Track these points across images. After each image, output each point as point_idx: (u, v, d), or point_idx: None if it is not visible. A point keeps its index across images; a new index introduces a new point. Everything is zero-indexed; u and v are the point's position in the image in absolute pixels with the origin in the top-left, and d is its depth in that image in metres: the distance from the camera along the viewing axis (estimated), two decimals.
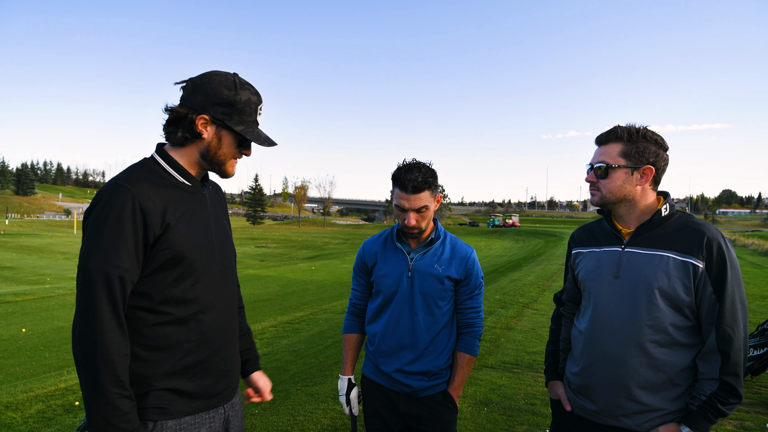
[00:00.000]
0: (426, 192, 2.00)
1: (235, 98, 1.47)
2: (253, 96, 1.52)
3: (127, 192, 1.34)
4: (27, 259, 26.36)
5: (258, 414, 4.12)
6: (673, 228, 1.68)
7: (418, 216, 2.01)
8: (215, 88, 1.46)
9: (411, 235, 2.08)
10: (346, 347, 2.25)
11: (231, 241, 1.68)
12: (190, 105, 1.47)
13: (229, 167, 1.56)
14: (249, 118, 1.51)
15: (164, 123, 1.50)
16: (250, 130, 1.52)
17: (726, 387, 1.56)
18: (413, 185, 1.97)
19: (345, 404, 2.15)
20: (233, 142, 1.52)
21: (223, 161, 1.53)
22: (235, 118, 1.49)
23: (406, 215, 2.01)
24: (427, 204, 2.01)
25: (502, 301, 9.67)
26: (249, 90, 1.52)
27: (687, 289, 1.60)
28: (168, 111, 1.49)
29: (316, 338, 7.83)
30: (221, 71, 1.50)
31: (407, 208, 2.00)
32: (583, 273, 1.85)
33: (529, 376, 5.08)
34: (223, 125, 1.48)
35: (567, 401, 1.88)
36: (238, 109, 1.48)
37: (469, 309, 2.13)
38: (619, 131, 1.71)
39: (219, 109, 1.47)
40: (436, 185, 2.05)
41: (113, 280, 1.30)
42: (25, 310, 11.49)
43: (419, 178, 1.97)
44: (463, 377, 2.10)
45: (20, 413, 4.99)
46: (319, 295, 14.25)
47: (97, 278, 1.30)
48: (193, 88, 1.48)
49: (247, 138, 1.51)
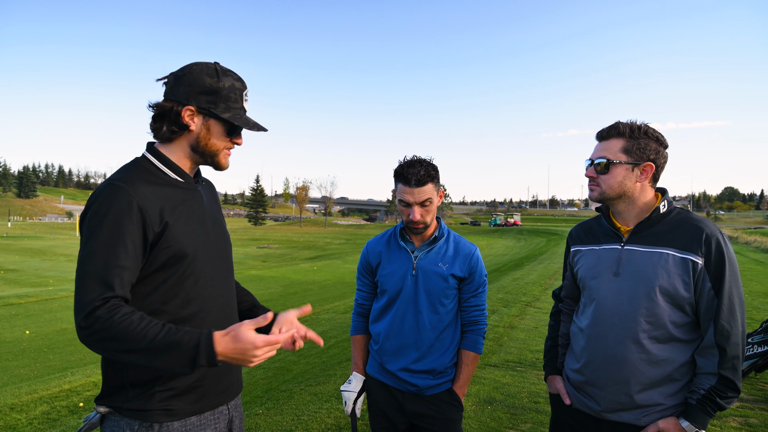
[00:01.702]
0: (429, 185, 2.00)
1: (219, 85, 1.45)
2: (236, 82, 1.49)
3: (124, 191, 1.32)
4: (30, 261, 26.41)
5: (262, 414, 4.13)
6: (672, 225, 1.68)
7: (423, 210, 2.02)
8: (197, 78, 1.44)
9: (415, 230, 2.07)
10: (356, 348, 2.25)
11: (228, 237, 1.67)
12: (175, 98, 1.44)
13: (222, 158, 1.53)
14: (235, 104, 1.49)
15: (150, 120, 1.48)
16: (238, 117, 1.49)
17: (724, 381, 1.58)
18: (416, 178, 1.97)
19: (350, 400, 2.13)
20: (222, 130, 1.49)
21: (215, 152, 1.51)
22: (221, 106, 1.46)
23: (411, 210, 2.01)
24: (430, 197, 2.01)
25: (504, 300, 9.67)
26: (232, 76, 1.49)
27: (686, 285, 1.61)
28: (153, 107, 1.47)
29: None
30: (201, 61, 1.48)
31: (411, 202, 2.00)
32: (582, 271, 1.85)
33: (533, 375, 5.08)
34: (209, 114, 1.46)
35: (566, 395, 1.89)
36: (223, 96, 1.46)
37: (473, 307, 2.13)
38: (620, 127, 1.72)
39: (204, 98, 1.44)
40: (438, 179, 2.05)
41: (111, 280, 1.27)
42: (28, 312, 11.52)
43: (422, 171, 1.98)
44: (468, 375, 2.10)
45: (25, 415, 5.00)
46: (322, 295, 14.25)
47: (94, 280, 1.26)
48: (175, 81, 1.45)
49: (235, 125, 1.49)
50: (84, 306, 1.24)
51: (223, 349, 1.25)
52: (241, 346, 1.26)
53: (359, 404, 2.15)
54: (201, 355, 1.24)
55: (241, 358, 1.27)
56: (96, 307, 1.24)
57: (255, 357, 1.27)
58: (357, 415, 2.14)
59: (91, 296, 1.25)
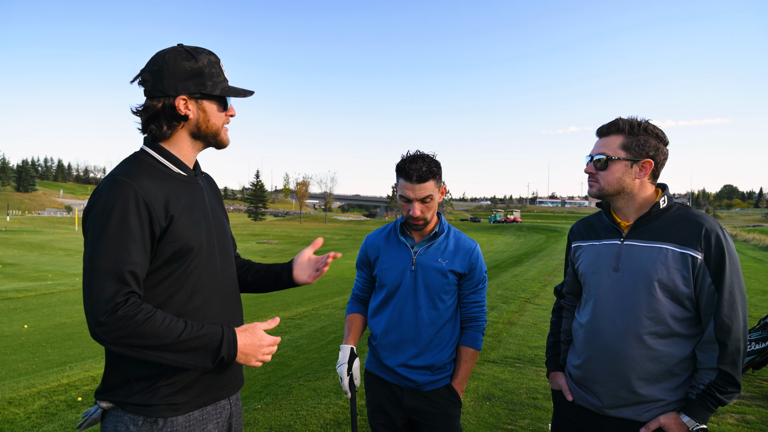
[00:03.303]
0: (431, 182, 1.98)
1: (199, 65, 1.43)
2: (211, 56, 1.48)
3: (129, 186, 1.31)
4: (29, 255, 26.40)
5: (261, 409, 4.13)
6: (672, 220, 1.68)
7: (423, 206, 2.00)
8: (176, 66, 1.41)
9: (415, 226, 2.06)
10: (349, 323, 2.22)
11: (229, 230, 1.66)
12: (162, 93, 1.41)
13: (224, 135, 1.54)
14: (218, 78, 1.48)
15: (142, 124, 1.46)
16: (227, 89, 1.50)
17: (724, 376, 1.57)
18: (418, 174, 1.95)
19: (345, 374, 2.04)
20: (217, 108, 1.50)
21: (216, 131, 1.51)
22: (209, 85, 1.46)
23: (411, 206, 1.99)
24: (431, 194, 1.99)
25: (504, 296, 9.68)
26: (204, 53, 1.47)
27: (686, 280, 1.61)
28: (140, 112, 1.44)
29: (318, 333, 7.84)
30: (165, 49, 1.45)
31: (412, 198, 1.98)
32: (583, 266, 1.85)
33: (531, 371, 5.09)
34: (201, 96, 1.46)
35: (568, 391, 1.89)
36: (206, 74, 1.45)
37: (472, 303, 2.12)
38: (620, 123, 1.71)
39: (190, 83, 1.42)
40: (440, 176, 2.04)
41: (126, 276, 1.27)
42: (27, 306, 11.53)
43: (423, 167, 1.96)
44: (467, 371, 2.10)
45: (23, 409, 5.01)
46: (321, 290, 14.27)
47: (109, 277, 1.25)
48: (154, 77, 1.42)
49: (227, 97, 1.51)
50: (104, 303, 1.23)
51: (242, 344, 1.38)
52: (257, 341, 1.41)
53: (356, 373, 2.07)
54: (224, 349, 1.34)
55: (252, 354, 1.41)
56: (117, 303, 1.24)
57: (264, 354, 1.43)
58: (356, 384, 2.07)
59: (109, 293, 1.24)
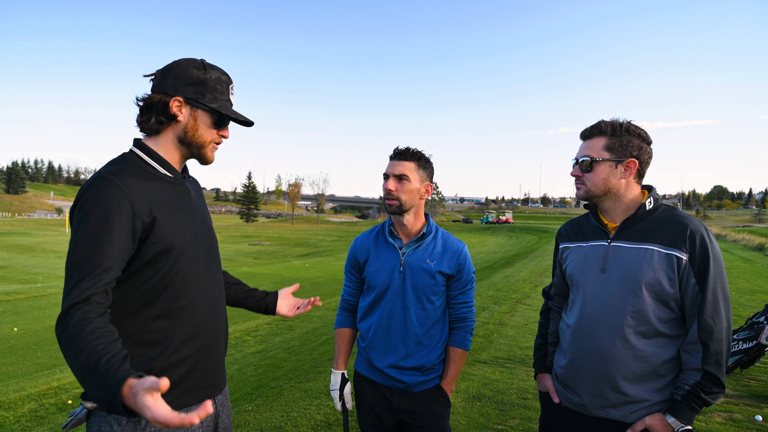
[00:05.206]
0: (410, 163, 2.05)
1: (206, 77, 1.49)
2: (223, 75, 1.53)
3: (113, 184, 1.33)
4: (18, 257, 26.11)
5: (251, 411, 4.13)
6: (658, 221, 1.70)
7: (398, 184, 2.04)
8: (184, 70, 1.47)
9: (389, 207, 2.06)
10: (339, 342, 2.26)
11: (213, 232, 1.68)
12: (162, 90, 1.47)
13: (209, 151, 1.55)
14: (222, 96, 1.52)
15: (138, 114, 1.50)
16: (225, 107, 1.52)
17: (708, 377, 1.59)
18: (398, 152, 2.06)
19: (337, 399, 2.15)
20: (210, 121, 1.51)
21: (202, 144, 1.53)
22: (208, 96, 1.49)
23: (386, 182, 2.05)
24: (407, 174, 2.03)
25: (495, 297, 9.71)
26: (218, 70, 1.53)
27: (671, 281, 1.63)
28: (140, 100, 1.49)
29: (310, 335, 7.83)
30: (188, 57, 1.52)
31: (389, 173, 2.06)
32: (570, 267, 1.87)
33: (522, 371, 5.12)
34: (197, 104, 1.49)
35: (555, 393, 1.91)
36: (209, 87, 1.49)
37: (461, 304, 2.14)
38: (602, 125, 1.75)
39: (191, 89, 1.47)
40: (425, 167, 2.09)
41: (99, 271, 1.26)
42: (16, 309, 11.40)
43: (407, 149, 2.06)
44: (455, 372, 2.12)
45: (12, 412, 4.96)
46: (313, 292, 14.24)
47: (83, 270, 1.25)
48: (162, 74, 1.49)
49: (222, 115, 1.52)
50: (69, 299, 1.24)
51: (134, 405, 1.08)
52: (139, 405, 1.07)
53: (348, 399, 2.16)
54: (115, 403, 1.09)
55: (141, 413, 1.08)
56: (76, 303, 1.23)
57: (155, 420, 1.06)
58: (348, 407, 2.17)
59: (76, 290, 1.24)
